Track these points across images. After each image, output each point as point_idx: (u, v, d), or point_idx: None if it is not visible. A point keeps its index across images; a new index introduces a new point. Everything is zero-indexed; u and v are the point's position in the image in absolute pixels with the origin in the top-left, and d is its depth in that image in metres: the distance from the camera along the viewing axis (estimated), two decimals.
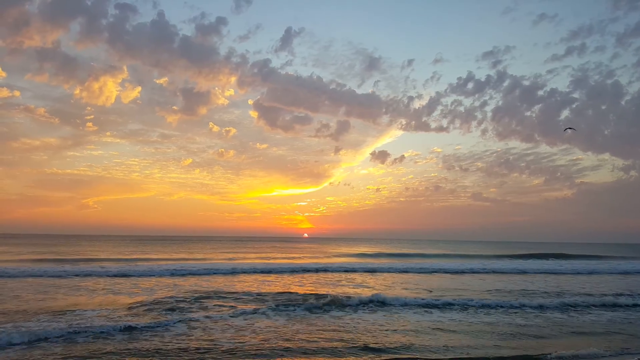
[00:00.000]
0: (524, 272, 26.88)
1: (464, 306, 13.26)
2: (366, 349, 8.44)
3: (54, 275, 19.76)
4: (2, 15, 73.04)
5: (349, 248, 67.24)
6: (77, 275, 19.95)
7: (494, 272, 26.48)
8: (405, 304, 13.37)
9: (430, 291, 16.78)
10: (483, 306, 13.32)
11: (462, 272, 26.30)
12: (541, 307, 13.45)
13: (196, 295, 14.48)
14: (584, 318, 12.20)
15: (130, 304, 12.57)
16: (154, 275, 20.72)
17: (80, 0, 76.79)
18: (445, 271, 26.27)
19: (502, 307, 13.35)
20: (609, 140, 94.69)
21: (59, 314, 10.80)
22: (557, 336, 9.98)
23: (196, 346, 8.39)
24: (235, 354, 7.99)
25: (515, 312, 12.66)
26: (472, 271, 26.60)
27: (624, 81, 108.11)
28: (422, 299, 14.04)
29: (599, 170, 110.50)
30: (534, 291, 17.43)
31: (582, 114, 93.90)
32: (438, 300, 14.02)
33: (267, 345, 8.53)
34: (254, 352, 8.10)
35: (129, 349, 8.13)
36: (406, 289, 17.59)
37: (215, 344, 8.54)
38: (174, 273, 21.50)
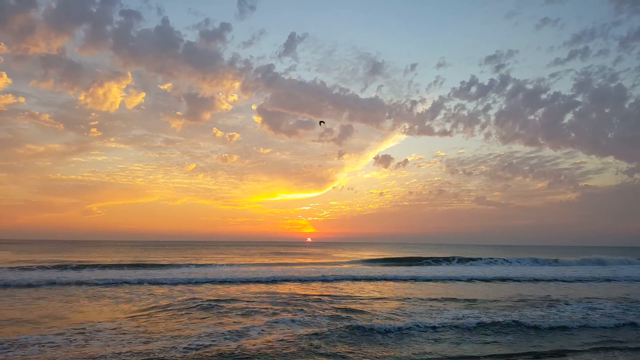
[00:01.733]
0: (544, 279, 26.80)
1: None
2: None
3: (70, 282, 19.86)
4: (7, 22, 73.48)
5: (364, 253, 67.06)
6: (109, 285, 19.81)
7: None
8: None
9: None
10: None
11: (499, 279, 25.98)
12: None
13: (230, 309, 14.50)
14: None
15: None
16: (181, 283, 20.70)
17: (85, 7, 77.26)
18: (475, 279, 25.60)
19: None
20: (612, 143, 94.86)
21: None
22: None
23: None
24: None
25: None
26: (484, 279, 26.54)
27: (627, 84, 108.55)
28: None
29: (602, 173, 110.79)
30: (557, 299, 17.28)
31: (586, 117, 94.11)
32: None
33: None
34: None
35: None
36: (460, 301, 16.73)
37: None
38: (197, 281, 21.47)
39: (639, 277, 27.86)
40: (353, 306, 14.45)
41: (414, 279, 24.86)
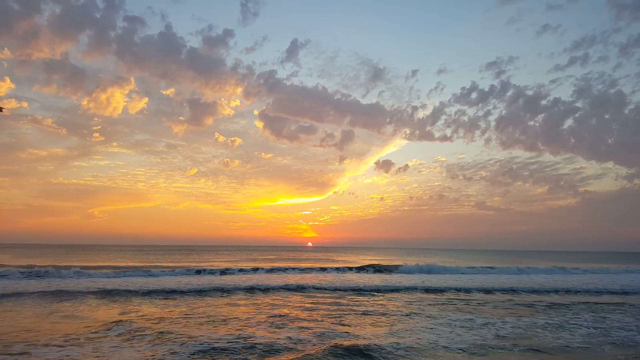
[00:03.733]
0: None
1: None
2: None
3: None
4: (11, 28, 74.00)
5: (365, 257, 67.28)
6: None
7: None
8: None
9: None
10: None
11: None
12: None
13: None
14: None
15: None
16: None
17: (89, 13, 77.73)
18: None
19: None
20: (612, 148, 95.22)
21: None
22: None
23: None
24: None
25: None
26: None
27: (627, 90, 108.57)
28: None
29: (602, 178, 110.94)
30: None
31: (586, 123, 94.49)
32: None
33: None
34: None
35: None
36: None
37: None
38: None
39: None
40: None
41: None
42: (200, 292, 18.50)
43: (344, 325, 11.44)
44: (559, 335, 10.59)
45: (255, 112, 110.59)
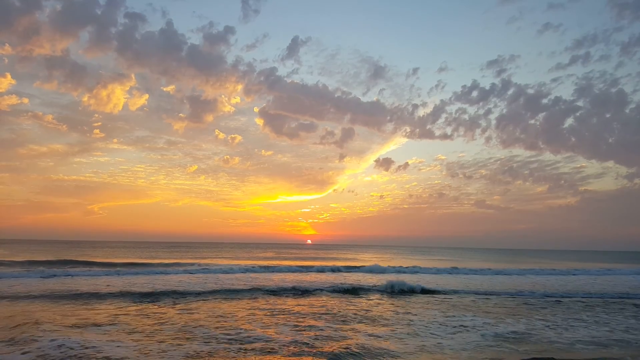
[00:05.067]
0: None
1: None
2: None
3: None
4: (12, 24, 73.89)
5: (365, 256, 67.26)
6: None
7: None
8: None
9: None
10: None
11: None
12: None
13: None
14: None
15: None
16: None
17: (90, 9, 77.64)
18: None
19: None
20: (613, 148, 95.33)
21: None
22: None
23: None
24: None
25: None
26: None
27: (628, 89, 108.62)
28: None
29: (602, 178, 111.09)
30: None
31: (586, 122, 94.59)
32: None
33: None
34: None
35: None
36: None
37: None
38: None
39: None
40: None
41: None
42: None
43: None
44: (561, 336, 10.57)
45: (256, 110, 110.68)
